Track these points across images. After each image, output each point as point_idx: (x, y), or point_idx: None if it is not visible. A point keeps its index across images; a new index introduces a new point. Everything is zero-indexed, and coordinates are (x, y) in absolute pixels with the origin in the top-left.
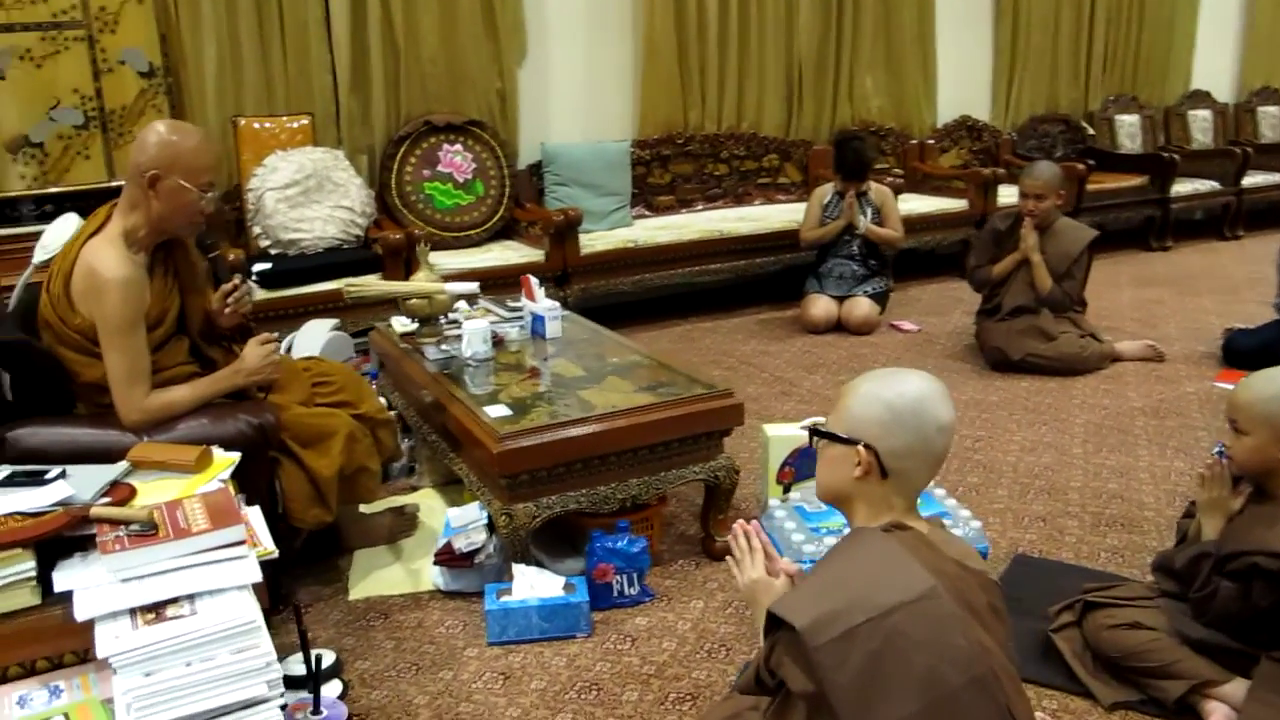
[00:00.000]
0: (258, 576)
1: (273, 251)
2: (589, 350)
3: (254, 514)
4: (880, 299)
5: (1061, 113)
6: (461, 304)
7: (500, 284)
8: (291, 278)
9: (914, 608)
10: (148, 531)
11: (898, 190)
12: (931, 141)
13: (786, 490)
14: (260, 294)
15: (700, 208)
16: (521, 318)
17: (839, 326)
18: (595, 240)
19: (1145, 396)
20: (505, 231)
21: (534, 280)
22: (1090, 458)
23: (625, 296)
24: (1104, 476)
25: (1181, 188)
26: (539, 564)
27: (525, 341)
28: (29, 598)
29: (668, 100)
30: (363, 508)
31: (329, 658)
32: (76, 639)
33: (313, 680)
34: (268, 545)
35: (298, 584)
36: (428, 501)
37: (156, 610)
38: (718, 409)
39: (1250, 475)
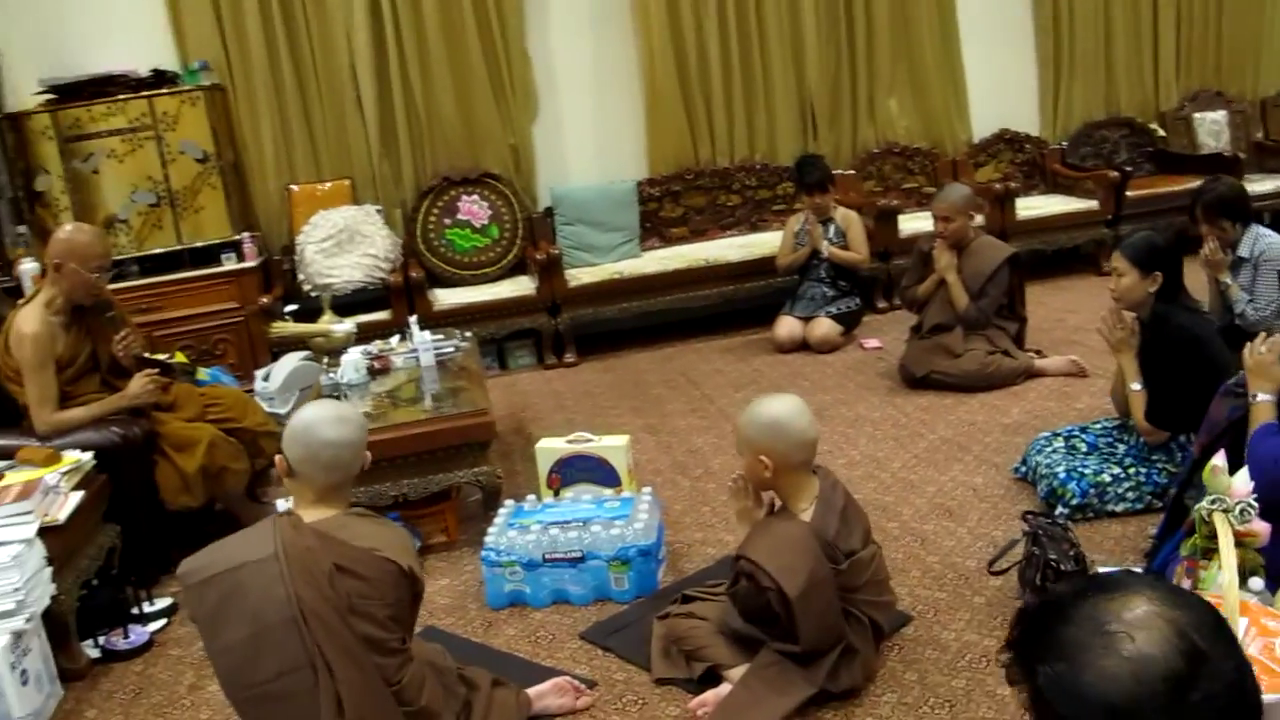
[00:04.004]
0: (29, 535)
1: (313, 294)
2: (442, 378)
3: (74, 496)
4: (846, 319)
5: (1124, 116)
6: (424, 335)
7: (497, 315)
8: (315, 315)
9: (253, 567)
10: None
11: (879, 213)
12: (965, 158)
13: (556, 493)
14: (292, 328)
15: (713, 237)
16: (414, 351)
17: (805, 345)
18: (582, 273)
19: (1025, 412)
20: (519, 268)
21: (412, 320)
22: (898, 472)
23: (613, 324)
24: (887, 490)
25: (1262, 185)
26: None
27: (408, 370)
28: None
29: (676, 140)
30: (263, 499)
31: (165, 602)
32: None
33: (126, 615)
34: (56, 516)
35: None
36: None
37: None
38: (468, 425)
39: (759, 489)
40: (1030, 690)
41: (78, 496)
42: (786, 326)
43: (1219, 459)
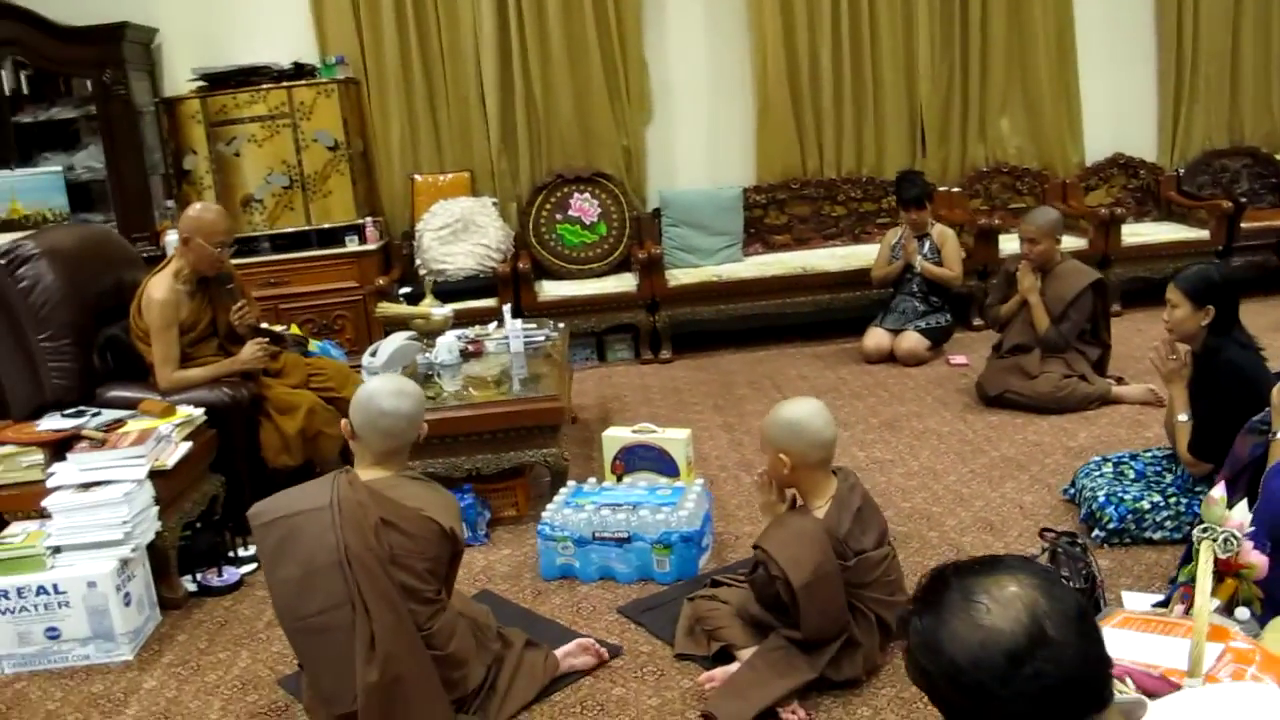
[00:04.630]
0: (140, 476)
1: (427, 278)
2: (528, 363)
3: (183, 447)
4: (934, 333)
5: (1248, 145)
6: (515, 323)
7: (598, 309)
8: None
9: (310, 514)
10: (98, 443)
11: (979, 232)
12: (1076, 181)
13: (620, 478)
14: (395, 309)
15: (816, 246)
16: (506, 338)
17: (893, 357)
18: (682, 274)
19: (1092, 437)
20: (624, 266)
21: (505, 309)
22: (951, 485)
23: (710, 325)
24: (937, 501)
25: None
26: None
27: (499, 355)
28: (38, 474)
29: (784, 150)
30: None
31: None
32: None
33: (223, 556)
34: (165, 462)
35: None
36: None
37: (89, 486)
38: (538, 409)
39: (783, 486)
40: (905, 639)
41: (186, 447)
42: (875, 338)
43: (1217, 490)
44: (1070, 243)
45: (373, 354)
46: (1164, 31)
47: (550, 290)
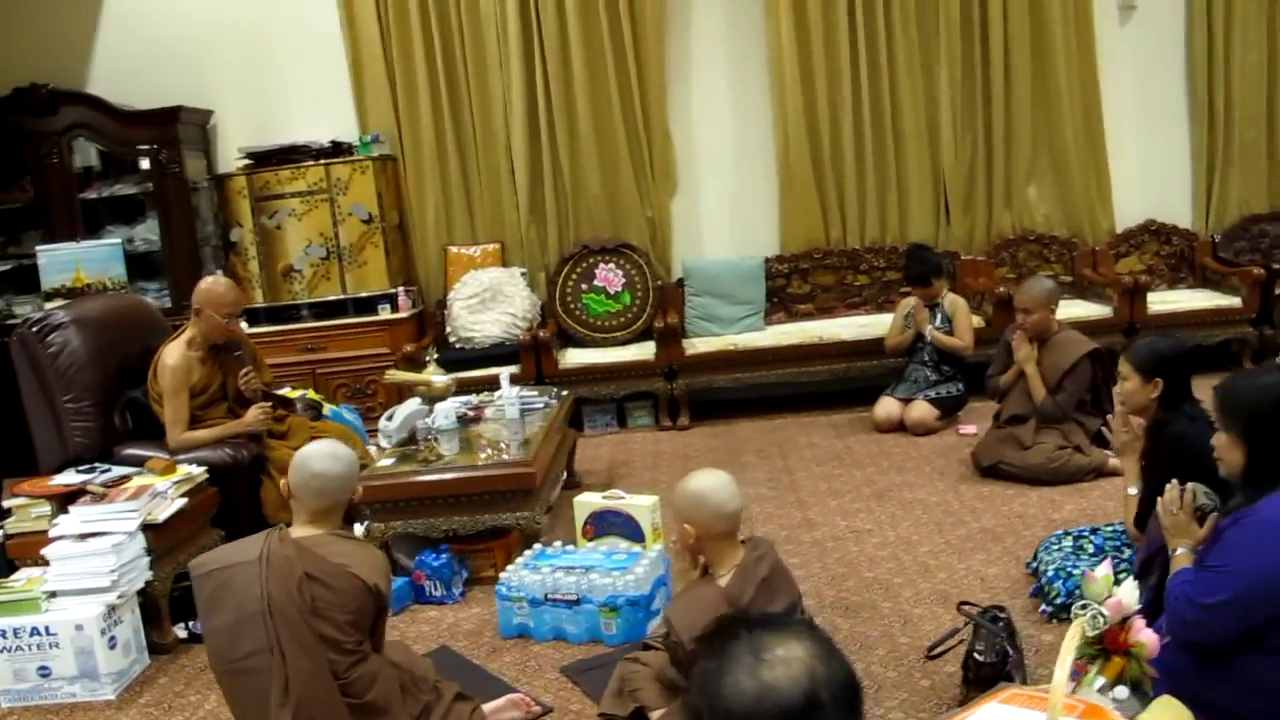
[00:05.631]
0: (131, 529)
1: (457, 345)
2: (525, 429)
3: (178, 502)
4: (945, 403)
5: None
6: (512, 390)
7: (617, 376)
8: (459, 364)
9: (241, 567)
10: (99, 497)
11: (998, 300)
12: (1106, 248)
13: (590, 540)
14: (401, 376)
15: (840, 315)
16: (503, 403)
17: (903, 426)
18: (700, 342)
19: (1078, 509)
20: (647, 334)
21: (504, 377)
22: (921, 556)
23: (729, 393)
24: (901, 572)
25: None
26: (402, 565)
27: (497, 420)
28: (45, 524)
29: (807, 220)
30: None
31: None
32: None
33: None
34: (157, 516)
35: None
36: None
37: (85, 537)
38: (508, 474)
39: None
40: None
41: (180, 503)
42: (885, 407)
43: (1101, 568)
44: (1096, 310)
45: (389, 418)
46: (1196, 94)
47: (572, 358)
